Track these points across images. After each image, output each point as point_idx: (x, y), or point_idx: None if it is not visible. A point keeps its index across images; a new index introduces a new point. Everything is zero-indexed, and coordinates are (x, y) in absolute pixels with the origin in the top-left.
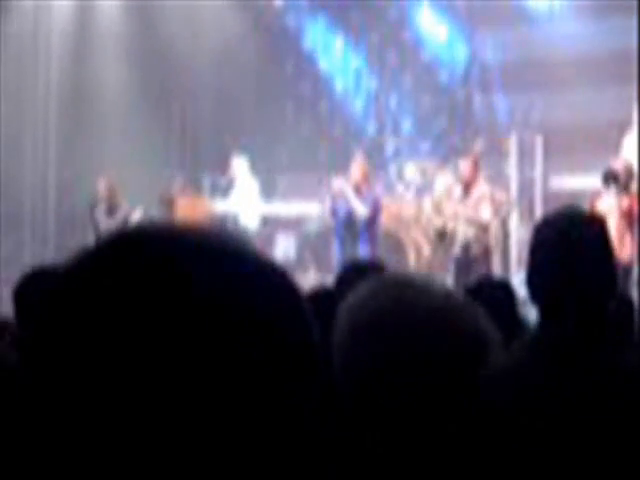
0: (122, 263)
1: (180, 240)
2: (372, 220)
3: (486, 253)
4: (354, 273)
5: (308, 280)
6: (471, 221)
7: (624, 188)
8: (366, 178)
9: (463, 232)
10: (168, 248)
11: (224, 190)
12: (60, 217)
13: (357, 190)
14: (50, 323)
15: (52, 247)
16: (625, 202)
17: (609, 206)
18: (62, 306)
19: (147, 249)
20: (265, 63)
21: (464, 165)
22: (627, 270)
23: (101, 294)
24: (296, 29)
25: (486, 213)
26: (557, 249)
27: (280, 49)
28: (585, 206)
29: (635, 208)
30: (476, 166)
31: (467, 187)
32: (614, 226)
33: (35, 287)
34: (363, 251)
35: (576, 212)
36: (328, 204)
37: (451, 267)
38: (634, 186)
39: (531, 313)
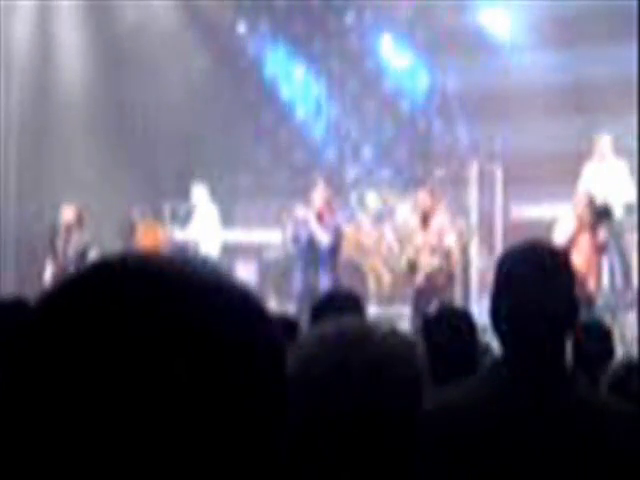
0: (99, 298)
1: (159, 275)
2: (334, 248)
3: (449, 282)
4: (329, 305)
5: (268, 308)
6: (435, 250)
7: (596, 222)
8: (328, 205)
9: (428, 262)
10: (148, 282)
11: (184, 218)
12: (20, 247)
13: (319, 217)
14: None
15: (12, 278)
16: (598, 236)
17: (580, 239)
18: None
19: (128, 285)
20: (226, 90)
21: (422, 195)
22: (589, 303)
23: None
24: (257, 56)
25: (450, 240)
26: (526, 282)
27: (241, 76)
28: (545, 236)
29: (603, 242)
30: (433, 196)
31: (425, 217)
32: (585, 259)
33: None
34: (324, 279)
35: (540, 244)
36: (290, 231)
37: (412, 296)
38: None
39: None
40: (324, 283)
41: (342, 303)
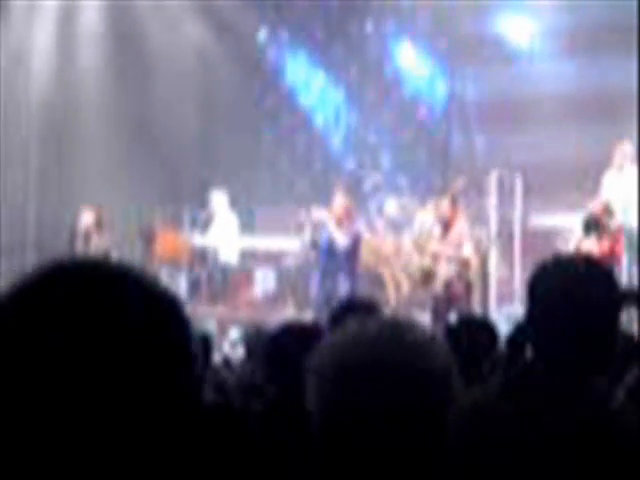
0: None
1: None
2: (352, 253)
3: (467, 290)
4: (348, 312)
5: (287, 315)
6: (452, 259)
7: (603, 230)
8: (348, 212)
9: (445, 270)
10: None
11: (203, 224)
12: (39, 251)
13: (338, 223)
14: None
15: None
16: (605, 244)
17: (590, 249)
18: None
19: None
20: (246, 97)
21: (443, 204)
22: None
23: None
24: (277, 64)
25: (467, 250)
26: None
27: (261, 83)
28: (565, 245)
29: (616, 248)
30: (455, 204)
31: (446, 226)
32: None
33: None
34: (343, 285)
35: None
36: (308, 235)
37: (430, 304)
38: (613, 224)
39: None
40: (343, 289)
41: (360, 309)
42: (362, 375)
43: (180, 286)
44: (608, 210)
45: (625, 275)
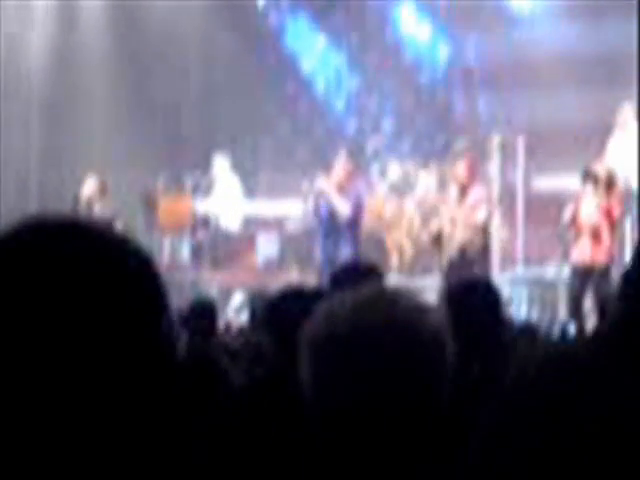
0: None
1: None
2: (355, 220)
3: (483, 254)
4: (349, 275)
5: (290, 280)
6: (467, 224)
7: (606, 191)
8: (349, 177)
9: (460, 235)
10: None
11: (206, 189)
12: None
13: (340, 189)
14: None
15: None
16: (604, 202)
17: (589, 206)
18: None
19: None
20: (247, 63)
21: (460, 167)
22: (605, 272)
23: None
24: (277, 29)
25: (482, 215)
26: None
27: (261, 49)
28: (569, 207)
29: (615, 211)
30: (472, 168)
31: (463, 189)
32: (595, 227)
33: None
34: (345, 252)
35: None
36: (311, 203)
37: (440, 268)
38: (617, 190)
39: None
40: (345, 255)
41: (362, 272)
42: (352, 343)
43: (183, 252)
44: (611, 175)
45: (629, 244)
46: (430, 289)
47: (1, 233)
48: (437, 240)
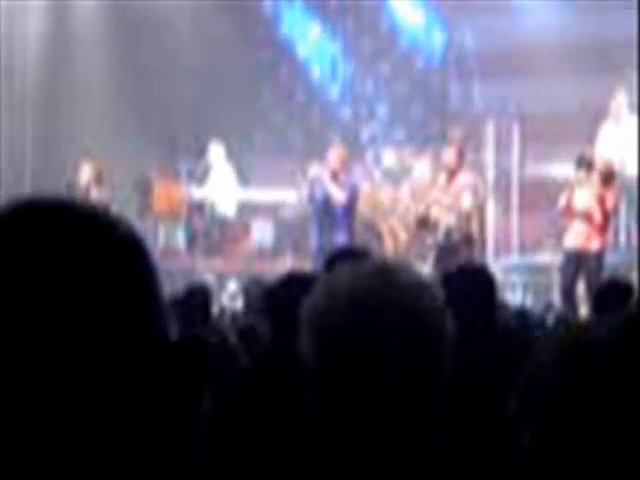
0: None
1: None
2: (349, 207)
3: (468, 240)
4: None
5: (285, 266)
6: (451, 209)
7: (604, 181)
8: (344, 164)
9: (445, 219)
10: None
11: (200, 176)
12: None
13: (334, 177)
14: None
15: None
16: (599, 190)
17: (583, 194)
18: None
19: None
20: (242, 49)
21: (449, 153)
22: (598, 259)
23: None
24: (273, 15)
25: (467, 202)
26: None
27: (257, 35)
28: (564, 195)
29: (608, 198)
30: (461, 154)
31: (451, 175)
32: (588, 214)
33: None
34: (340, 238)
35: None
36: (305, 190)
37: (432, 254)
38: (614, 183)
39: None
40: (339, 241)
41: (356, 256)
42: (353, 317)
43: (178, 239)
44: (609, 167)
45: (623, 231)
46: (425, 276)
47: None
48: (423, 223)
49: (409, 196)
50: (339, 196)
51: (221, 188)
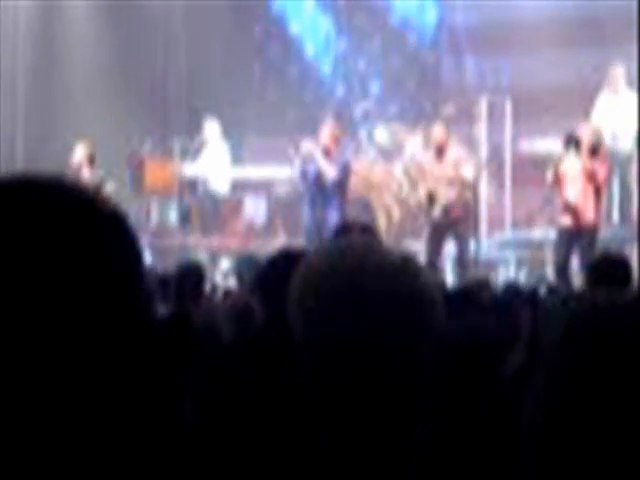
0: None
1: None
2: (341, 184)
3: (466, 214)
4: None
5: (278, 244)
6: (452, 181)
7: (592, 152)
8: (336, 141)
9: (444, 194)
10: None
11: (194, 153)
12: None
13: (326, 153)
14: None
15: None
16: (588, 165)
17: (573, 169)
18: None
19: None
20: (235, 26)
21: (438, 130)
22: (591, 234)
23: None
24: None
25: (468, 172)
26: None
27: (250, 12)
28: (549, 170)
29: (600, 172)
30: (447, 129)
31: (440, 151)
32: (579, 190)
33: None
34: (332, 215)
35: None
36: (297, 167)
37: (427, 230)
38: (603, 150)
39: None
40: (332, 219)
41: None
42: (340, 300)
43: (170, 216)
44: (597, 135)
45: (616, 203)
46: (420, 253)
47: None
48: (431, 200)
49: (402, 173)
50: (330, 172)
51: (215, 165)
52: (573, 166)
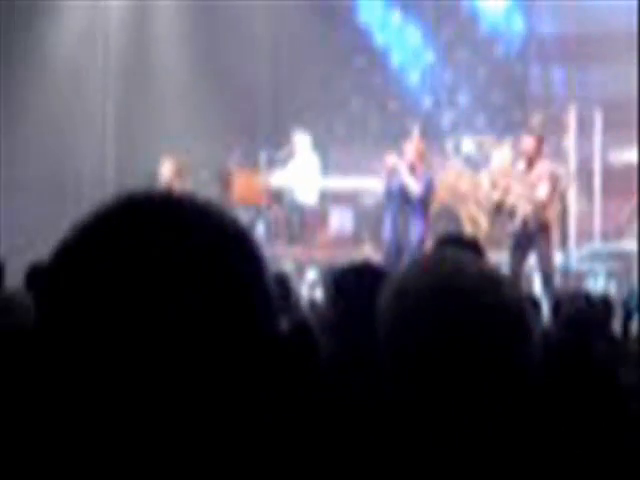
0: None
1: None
2: (425, 200)
3: (545, 229)
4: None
5: (363, 255)
6: (529, 199)
7: None
8: (421, 157)
9: (522, 207)
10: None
11: (281, 164)
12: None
13: (412, 169)
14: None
15: None
16: None
17: None
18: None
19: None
20: (321, 38)
21: (528, 141)
22: None
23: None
24: (351, 3)
25: (542, 192)
26: None
27: (336, 24)
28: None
29: None
30: (540, 143)
31: (530, 163)
32: None
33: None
34: (414, 230)
35: None
36: (384, 179)
37: (509, 241)
38: None
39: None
40: (414, 233)
41: (464, 245)
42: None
43: (257, 227)
44: None
45: None
46: (504, 264)
47: (96, 214)
48: (498, 209)
49: (488, 184)
50: (416, 188)
51: (303, 176)
52: None
